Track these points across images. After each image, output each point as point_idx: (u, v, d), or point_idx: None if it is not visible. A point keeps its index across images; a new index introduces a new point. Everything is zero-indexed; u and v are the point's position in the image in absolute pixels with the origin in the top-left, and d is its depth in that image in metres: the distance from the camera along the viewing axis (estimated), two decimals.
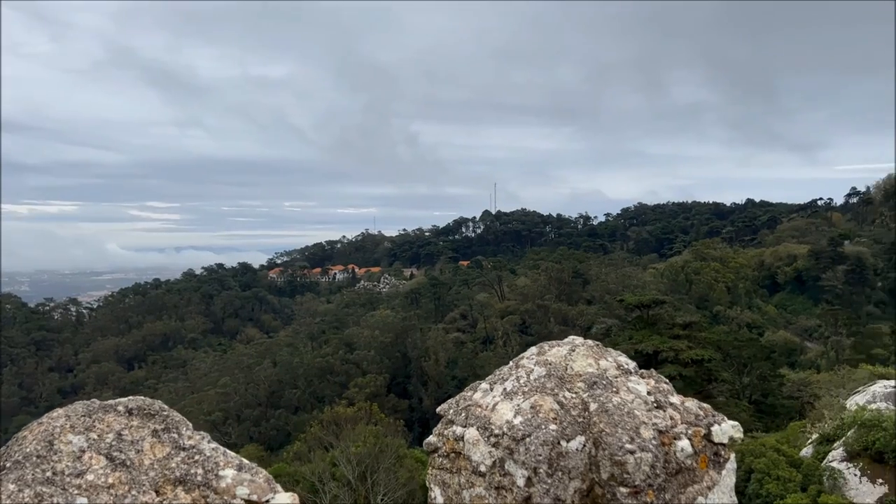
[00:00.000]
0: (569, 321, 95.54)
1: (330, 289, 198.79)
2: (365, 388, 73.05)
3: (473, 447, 2.53)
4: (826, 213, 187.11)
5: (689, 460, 2.46)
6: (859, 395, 34.39)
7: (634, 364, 2.85)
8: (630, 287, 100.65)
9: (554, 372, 2.71)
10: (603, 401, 2.56)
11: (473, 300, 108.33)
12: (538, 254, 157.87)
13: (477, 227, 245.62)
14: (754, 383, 55.90)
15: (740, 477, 25.07)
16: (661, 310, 58.75)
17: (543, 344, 2.95)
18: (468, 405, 2.71)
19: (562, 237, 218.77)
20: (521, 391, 2.64)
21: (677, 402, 2.65)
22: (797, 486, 24.29)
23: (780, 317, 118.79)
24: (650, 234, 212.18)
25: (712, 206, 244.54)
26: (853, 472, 25.70)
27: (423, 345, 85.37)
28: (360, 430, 30.54)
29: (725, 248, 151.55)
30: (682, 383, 46.36)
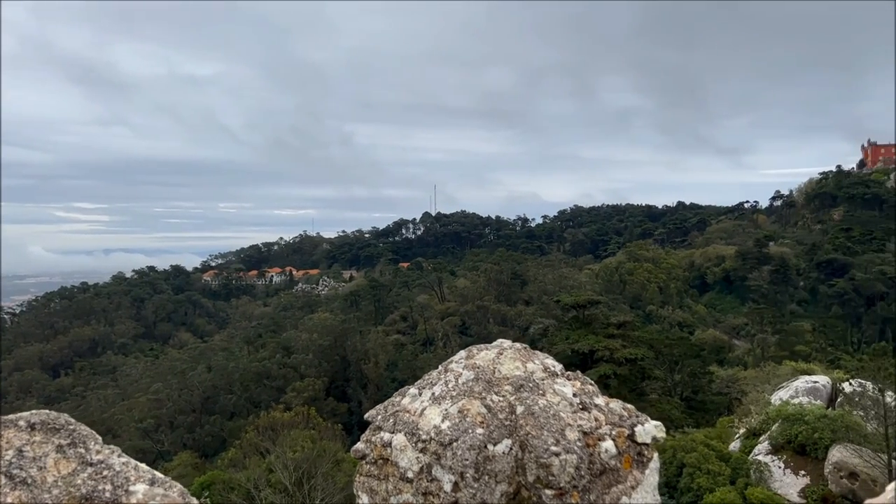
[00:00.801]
0: (508, 322, 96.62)
1: (267, 292, 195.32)
2: (303, 393, 72.04)
3: (401, 453, 2.51)
4: (752, 215, 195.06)
5: (614, 461, 2.50)
6: (783, 390, 35.89)
7: (561, 366, 2.88)
8: (566, 288, 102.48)
9: (482, 375, 2.71)
10: (530, 403, 2.58)
11: (414, 302, 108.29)
12: (478, 255, 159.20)
13: (417, 229, 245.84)
14: (685, 380, 57.60)
15: (672, 472, 25.83)
16: (596, 310, 60.01)
17: (472, 347, 2.96)
18: (396, 411, 2.69)
19: (501, 239, 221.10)
20: (449, 395, 2.64)
21: (602, 404, 2.70)
22: (726, 479, 25.17)
23: (710, 315, 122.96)
24: (586, 236, 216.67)
25: (645, 208, 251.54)
26: (778, 464, 26.84)
27: (362, 347, 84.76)
28: (298, 435, 30.13)
29: (657, 249, 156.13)
30: (616, 381, 47.50)
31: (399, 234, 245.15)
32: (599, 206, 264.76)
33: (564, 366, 12.74)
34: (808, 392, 33.74)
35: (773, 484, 25.81)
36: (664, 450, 26.50)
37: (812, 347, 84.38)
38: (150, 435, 74.00)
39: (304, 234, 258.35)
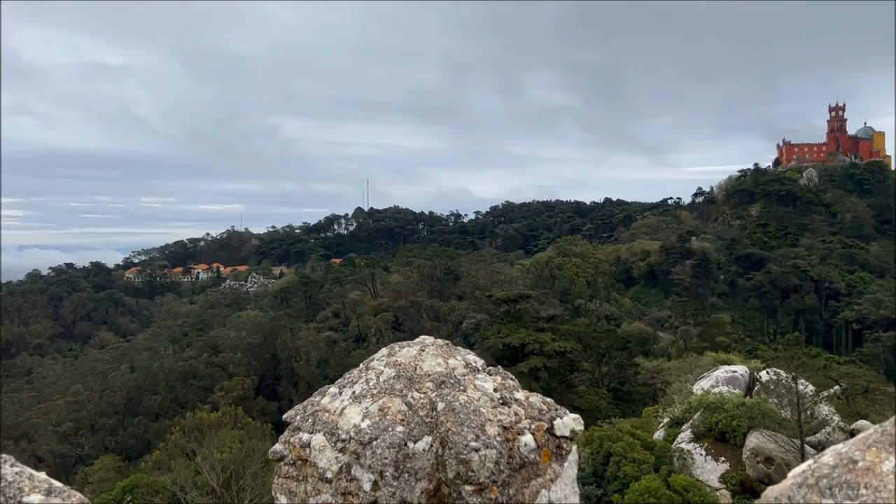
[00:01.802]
0: (441, 317, 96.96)
1: (193, 289, 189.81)
2: (231, 392, 70.41)
3: (320, 453, 2.46)
4: (675, 211, 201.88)
5: (533, 455, 2.53)
6: (704, 380, 37.24)
7: (482, 362, 2.90)
8: (499, 283, 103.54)
9: (403, 373, 2.70)
10: (450, 400, 2.57)
11: (346, 298, 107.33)
12: (411, 251, 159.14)
13: (350, 225, 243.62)
14: (612, 372, 59.08)
15: (599, 461, 26.46)
16: (527, 304, 60.81)
17: (394, 345, 2.94)
18: (315, 410, 2.64)
19: (434, 234, 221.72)
20: (370, 394, 2.61)
21: (522, 398, 2.72)
22: (651, 467, 25.91)
23: (636, 309, 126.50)
24: (517, 232, 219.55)
25: (574, 204, 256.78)
26: (699, 451, 27.86)
27: (293, 345, 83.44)
28: (226, 436, 29.44)
29: (586, 244, 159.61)
30: (546, 374, 48.33)
31: (331, 230, 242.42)
32: (530, 203, 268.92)
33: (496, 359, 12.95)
34: (728, 381, 35.11)
35: (695, 470, 26.73)
36: (592, 440, 27.13)
37: (731, 338, 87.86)
38: (68, 439, 70.88)
39: (231, 230, 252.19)
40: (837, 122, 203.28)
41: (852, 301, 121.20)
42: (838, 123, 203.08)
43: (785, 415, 29.26)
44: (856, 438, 1.74)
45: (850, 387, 41.98)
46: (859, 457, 1.62)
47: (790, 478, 1.70)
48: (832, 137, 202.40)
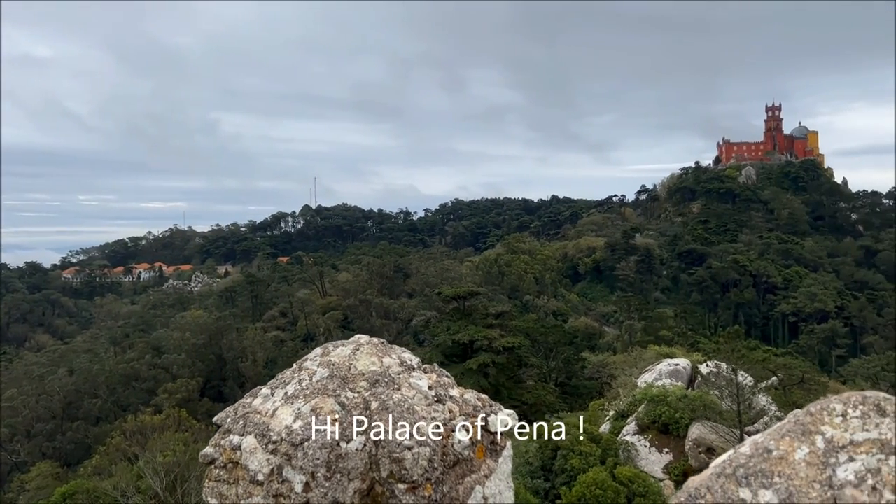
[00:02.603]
0: (391, 315, 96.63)
1: (135, 289, 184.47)
2: (175, 394, 68.81)
3: (251, 456, 2.42)
4: (620, 208, 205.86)
5: (467, 451, 2.54)
6: (648, 373, 38.07)
7: (418, 360, 2.89)
8: (448, 280, 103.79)
9: (337, 372, 2.67)
10: (384, 398, 2.56)
11: (294, 297, 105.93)
12: (360, 249, 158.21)
13: (297, 223, 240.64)
14: (560, 367, 59.81)
15: (547, 455, 26.80)
16: (476, 301, 61.02)
17: (328, 344, 2.91)
18: (247, 412, 2.60)
19: (383, 232, 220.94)
20: (302, 394, 2.58)
21: (457, 395, 2.73)
22: (597, 459, 26.36)
23: (582, 304, 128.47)
24: (466, 229, 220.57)
25: (522, 202, 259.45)
26: (644, 443, 28.49)
27: (239, 345, 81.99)
28: (169, 438, 28.74)
29: (534, 241, 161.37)
30: (495, 370, 48.65)
31: (278, 228, 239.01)
32: (479, 200, 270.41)
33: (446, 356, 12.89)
34: (671, 374, 35.99)
35: (639, 462, 27.31)
36: (540, 434, 27.46)
37: (674, 332, 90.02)
38: (3, 445, 68.14)
39: (174, 228, 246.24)
40: (774, 122, 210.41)
41: (788, 295, 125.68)
42: (774, 123, 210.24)
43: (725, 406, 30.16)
44: (771, 428, 1.80)
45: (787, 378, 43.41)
46: (773, 446, 1.68)
47: (710, 468, 1.75)
48: (769, 136, 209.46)
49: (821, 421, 1.76)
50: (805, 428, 1.74)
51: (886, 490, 1.53)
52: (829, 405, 1.80)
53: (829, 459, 1.65)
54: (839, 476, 1.59)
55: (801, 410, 1.84)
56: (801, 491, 1.60)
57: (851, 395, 1.81)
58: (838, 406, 1.78)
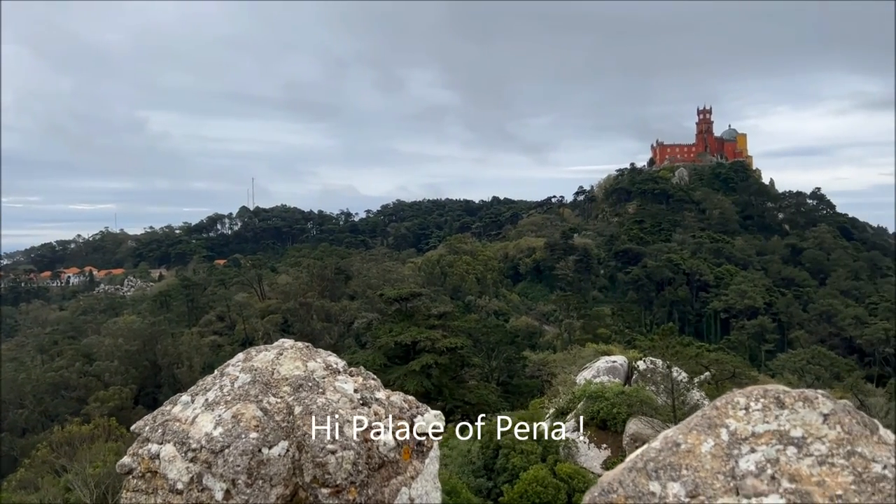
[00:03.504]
0: (332, 317, 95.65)
1: (63, 294, 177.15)
2: (107, 402, 66.47)
3: (170, 464, 2.36)
4: (559, 209, 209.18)
5: (393, 453, 2.54)
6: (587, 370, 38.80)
7: (344, 363, 2.88)
8: (390, 281, 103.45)
9: (260, 378, 2.63)
10: (308, 403, 2.54)
11: (231, 301, 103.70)
12: (300, 251, 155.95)
13: (234, 225, 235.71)
14: (501, 366, 60.40)
15: (489, 454, 27.01)
16: (418, 302, 61.03)
17: (251, 349, 2.86)
18: (166, 420, 2.53)
19: (324, 233, 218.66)
20: (223, 400, 2.53)
21: (383, 398, 2.73)
22: (538, 457, 26.70)
23: (523, 304, 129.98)
24: (408, 230, 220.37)
25: (463, 203, 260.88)
26: (583, 439, 29.06)
27: (175, 351, 79.77)
28: (99, 449, 27.69)
29: (475, 242, 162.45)
30: (438, 370, 48.76)
31: (214, 230, 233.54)
32: (421, 201, 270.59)
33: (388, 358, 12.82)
34: (608, 371, 36.78)
35: (579, 458, 27.80)
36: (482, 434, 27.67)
37: (612, 330, 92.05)
38: None
39: (105, 231, 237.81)
40: (705, 125, 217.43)
41: (720, 292, 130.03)
42: (705, 126, 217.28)
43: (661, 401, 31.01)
44: (681, 423, 1.87)
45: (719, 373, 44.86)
46: (682, 440, 1.74)
47: (624, 462, 1.81)
48: (700, 139, 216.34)
49: (725, 414, 1.83)
50: (711, 421, 1.81)
51: (784, 479, 1.61)
52: (733, 399, 1.87)
53: (732, 451, 1.72)
54: (741, 467, 1.66)
55: (709, 405, 1.91)
56: (706, 482, 1.66)
57: (754, 388, 1.89)
58: (741, 399, 1.86)
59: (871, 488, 1.55)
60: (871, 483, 1.56)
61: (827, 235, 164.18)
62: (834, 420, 1.69)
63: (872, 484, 1.56)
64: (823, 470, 1.60)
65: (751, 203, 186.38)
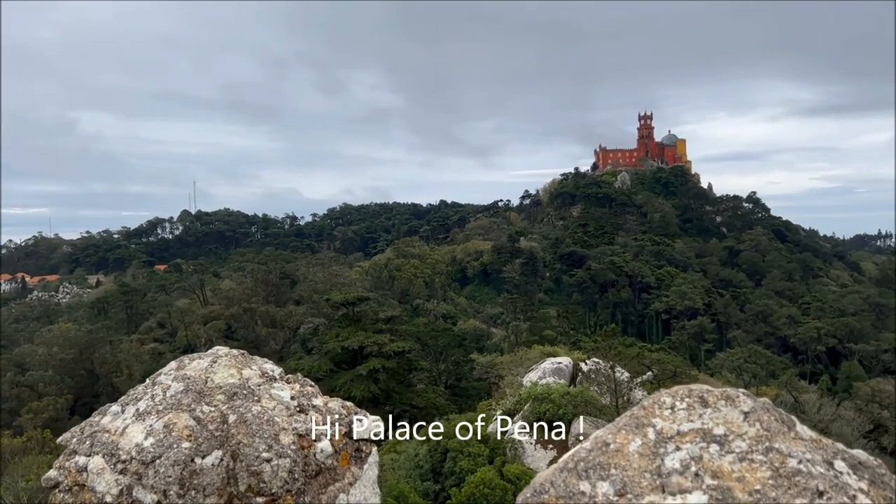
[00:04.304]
0: (277, 323, 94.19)
1: None
2: (42, 413, 63.95)
3: (98, 477, 2.30)
4: (505, 213, 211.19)
5: (330, 460, 2.52)
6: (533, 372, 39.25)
7: (280, 370, 2.84)
8: (337, 285, 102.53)
9: (193, 386, 2.58)
10: (243, 411, 2.50)
11: (172, 307, 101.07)
12: (244, 255, 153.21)
13: (175, 229, 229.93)
14: (449, 369, 60.55)
15: (437, 458, 27.02)
16: (365, 306, 60.65)
17: (184, 357, 2.80)
18: (94, 431, 2.46)
19: (269, 238, 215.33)
20: (155, 410, 2.47)
21: (320, 404, 2.70)
22: (485, 459, 26.85)
23: (471, 307, 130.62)
24: (355, 234, 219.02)
25: (411, 206, 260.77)
26: (529, 440, 29.36)
27: (113, 359, 77.28)
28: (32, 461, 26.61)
29: (423, 245, 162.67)
30: (385, 375, 48.55)
31: (154, 234, 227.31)
32: (368, 205, 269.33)
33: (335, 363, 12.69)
34: (554, 372, 37.29)
35: (526, 459, 28.06)
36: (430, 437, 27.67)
37: (557, 331, 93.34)
38: None
39: (38, 236, 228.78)
40: (646, 130, 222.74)
41: (661, 293, 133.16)
42: (647, 131, 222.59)
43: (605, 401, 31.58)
44: (611, 423, 1.92)
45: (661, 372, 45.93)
46: (611, 439, 1.79)
47: (557, 463, 1.84)
48: (642, 144, 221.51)
49: (652, 414, 1.88)
50: (639, 421, 1.86)
51: (707, 476, 1.66)
52: (659, 399, 1.93)
53: (658, 450, 1.77)
54: (667, 465, 1.71)
55: (637, 405, 1.97)
56: (633, 481, 1.70)
57: (679, 388, 1.95)
58: (668, 399, 1.92)
59: (787, 482, 1.62)
60: (787, 477, 1.63)
61: (762, 238, 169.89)
62: (754, 417, 1.76)
63: (788, 478, 1.63)
64: (743, 466, 1.66)
65: (690, 207, 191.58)
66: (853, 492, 1.60)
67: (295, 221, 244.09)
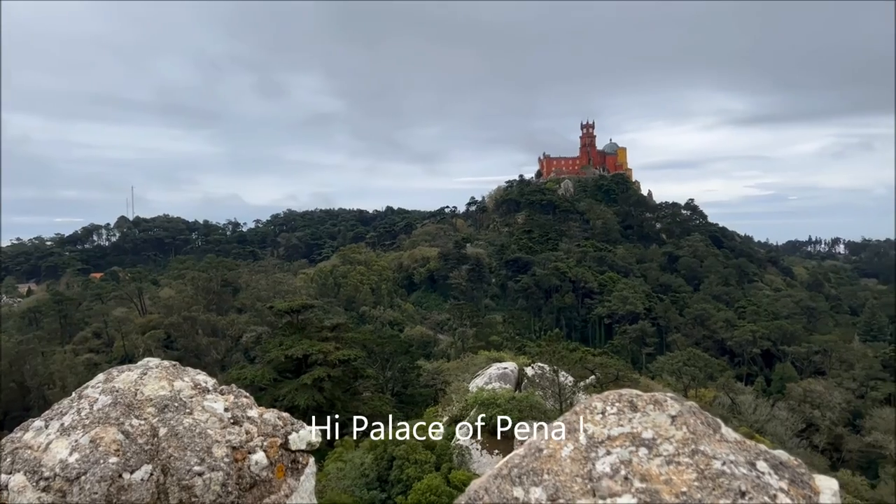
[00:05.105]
0: (219, 332, 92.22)
1: None
2: None
3: (19, 495, 2.20)
4: (452, 219, 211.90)
5: (265, 472, 2.48)
6: (479, 377, 39.41)
7: (214, 381, 2.79)
8: (281, 293, 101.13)
9: (121, 399, 2.50)
10: (174, 424, 2.44)
11: (109, 316, 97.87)
12: (184, 262, 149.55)
13: (112, 235, 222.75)
14: (396, 376, 60.30)
15: (383, 466, 26.84)
16: (310, 314, 59.93)
17: (113, 369, 2.72)
18: (16, 448, 2.36)
19: (210, 244, 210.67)
20: (81, 425, 2.38)
21: (255, 416, 2.66)
22: (432, 466, 26.80)
23: (417, 313, 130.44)
24: (300, 240, 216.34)
25: (357, 213, 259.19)
26: (476, 446, 29.45)
27: (45, 371, 74.29)
28: None
29: (369, 252, 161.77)
30: (330, 383, 48.03)
31: (90, 241, 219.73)
32: (313, 211, 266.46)
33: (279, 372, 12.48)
34: (500, 378, 37.54)
35: (472, 465, 28.11)
36: (376, 446, 27.47)
37: (503, 337, 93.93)
38: None
39: None
40: (588, 138, 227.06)
41: (604, 298, 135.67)
42: (589, 139, 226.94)
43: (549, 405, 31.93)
44: (544, 430, 1.95)
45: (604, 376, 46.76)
46: (544, 445, 1.82)
47: (492, 470, 1.86)
48: (584, 152, 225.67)
49: (584, 419, 1.92)
50: (571, 426, 1.90)
51: (636, 479, 1.70)
52: (591, 404, 1.97)
53: (590, 454, 1.81)
54: (598, 469, 1.75)
55: (569, 411, 2.00)
56: (566, 486, 1.73)
57: (610, 393, 2.00)
58: (599, 404, 1.96)
59: (711, 484, 1.67)
60: (711, 479, 1.68)
61: (700, 244, 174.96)
62: (681, 421, 1.82)
63: (713, 479, 1.68)
64: (671, 469, 1.71)
65: (631, 213, 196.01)
66: (774, 491, 1.67)
67: (237, 228, 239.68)
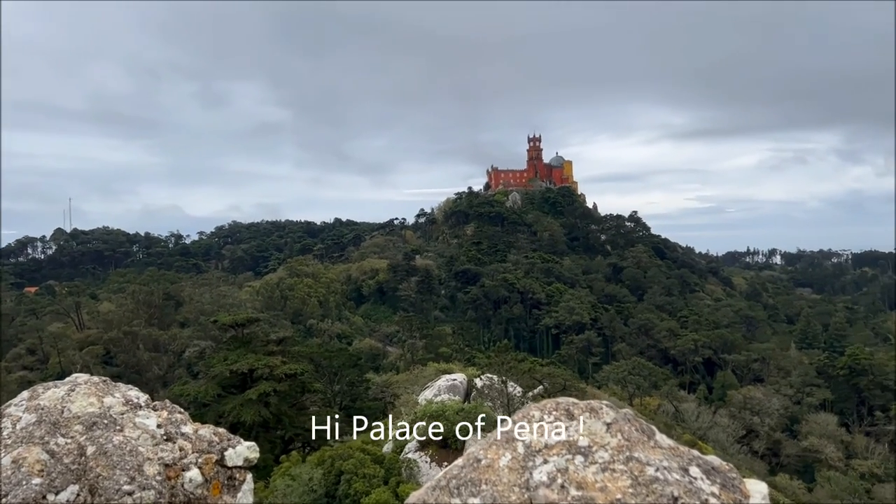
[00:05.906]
0: (161, 347, 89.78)
1: None
2: None
3: None
4: (401, 231, 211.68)
5: (200, 489, 2.41)
6: (428, 389, 39.31)
7: (147, 397, 2.70)
8: (226, 307, 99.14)
9: (47, 417, 2.40)
10: (103, 442, 2.35)
11: (44, 332, 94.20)
12: (124, 276, 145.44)
13: (48, 248, 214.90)
14: (344, 390, 59.58)
15: (331, 481, 26.43)
16: (256, 328, 58.79)
17: (38, 386, 2.61)
18: None
19: (151, 257, 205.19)
20: (2, 445, 2.28)
21: (190, 432, 2.59)
22: (380, 480, 26.53)
23: (366, 326, 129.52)
24: (245, 253, 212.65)
25: (304, 224, 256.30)
26: (425, 459, 29.26)
27: None
28: None
29: (317, 264, 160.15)
30: (276, 398, 47.19)
31: (24, 254, 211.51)
32: (259, 223, 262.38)
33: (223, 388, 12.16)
34: (449, 389, 37.53)
35: (421, 479, 27.94)
36: (324, 460, 27.07)
37: (453, 348, 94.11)
38: None
39: None
40: (535, 151, 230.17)
41: (551, 309, 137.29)
42: (535, 152, 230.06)
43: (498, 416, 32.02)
44: (483, 440, 1.95)
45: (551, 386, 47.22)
46: (483, 455, 1.82)
47: (431, 481, 1.85)
48: (531, 165, 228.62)
49: (521, 428, 1.93)
50: (509, 436, 1.90)
51: (572, 487, 1.72)
52: (528, 412, 1.98)
53: (527, 463, 1.81)
54: (535, 478, 1.76)
55: (508, 420, 2.01)
56: (503, 495, 1.74)
57: (547, 402, 2.01)
58: (536, 413, 1.97)
59: (645, 490, 1.70)
60: (645, 485, 1.71)
61: (643, 255, 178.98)
62: (616, 428, 1.84)
63: (647, 486, 1.71)
64: (606, 476, 1.73)
65: (577, 225, 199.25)
66: (706, 496, 1.71)
67: (180, 240, 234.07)
